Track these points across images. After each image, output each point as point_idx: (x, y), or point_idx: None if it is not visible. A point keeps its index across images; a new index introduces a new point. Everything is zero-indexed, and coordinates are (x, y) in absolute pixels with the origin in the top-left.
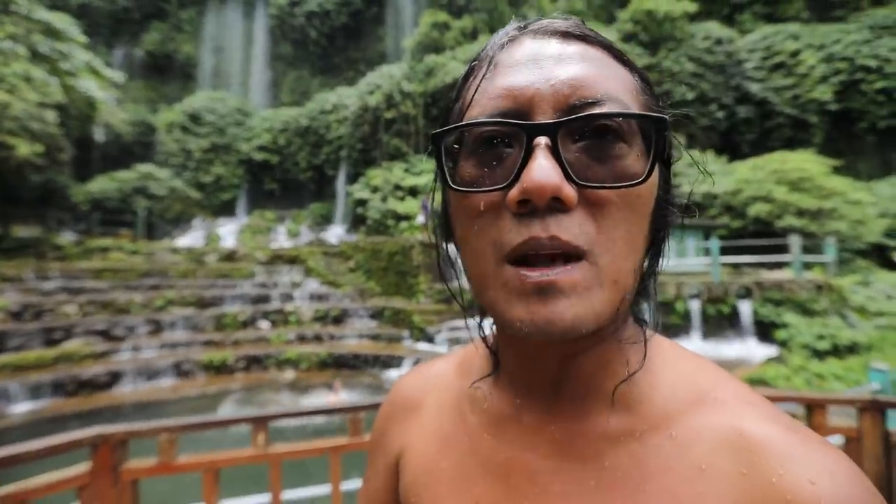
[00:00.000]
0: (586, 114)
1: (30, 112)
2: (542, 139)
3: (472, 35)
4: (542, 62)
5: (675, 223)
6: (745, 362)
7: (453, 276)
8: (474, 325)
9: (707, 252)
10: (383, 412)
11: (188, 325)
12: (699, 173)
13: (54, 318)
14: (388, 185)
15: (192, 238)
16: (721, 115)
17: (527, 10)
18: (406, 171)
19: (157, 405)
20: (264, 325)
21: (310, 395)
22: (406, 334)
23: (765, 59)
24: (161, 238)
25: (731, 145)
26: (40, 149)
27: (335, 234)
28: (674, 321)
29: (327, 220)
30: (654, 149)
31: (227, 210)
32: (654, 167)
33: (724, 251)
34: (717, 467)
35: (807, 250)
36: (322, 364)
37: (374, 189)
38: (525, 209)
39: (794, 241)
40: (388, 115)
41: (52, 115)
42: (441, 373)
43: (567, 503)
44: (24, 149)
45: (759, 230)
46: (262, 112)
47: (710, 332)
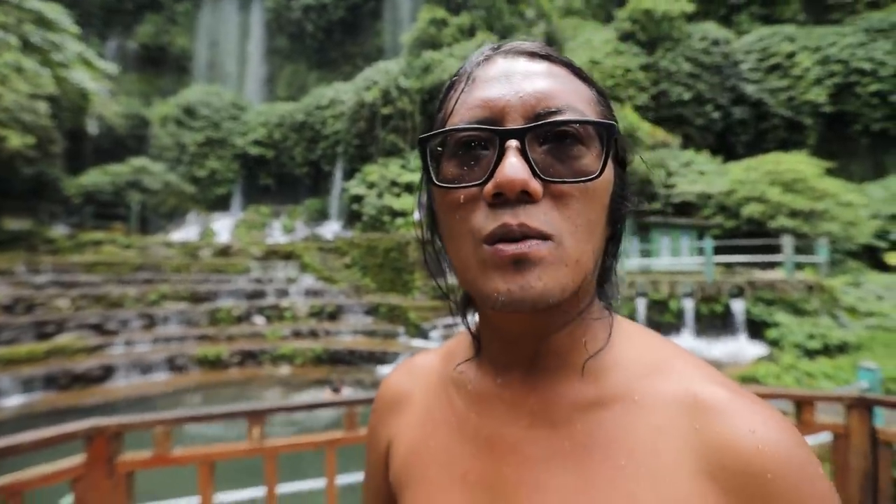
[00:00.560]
0: (549, 121)
1: (21, 103)
2: (513, 142)
3: (470, 32)
4: (513, 77)
5: (628, 215)
6: (737, 360)
7: (442, 272)
8: (460, 314)
9: (701, 251)
10: (373, 410)
11: (182, 320)
12: (683, 173)
13: (46, 312)
14: (385, 181)
15: (186, 233)
16: (717, 115)
17: (524, 8)
18: (402, 167)
19: (151, 399)
20: (259, 320)
21: (305, 392)
22: (401, 331)
23: (761, 60)
24: (155, 232)
25: (727, 146)
26: (32, 141)
27: (331, 229)
28: (667, 319)
29: (323, 216)
30: (606, 150)
31: (222, 205)
32: (606, 166)
33: (717, 251)
34: (673, 425)
35: (799, 251)
36: (317, 360)
37: (371, 185)
38: (499, 200)
39: (787, 242)
40: (385, 110)
41: (43, 107)
42: (426, 364)
43: (546, 465)
44: (16, 140)
45: (753, 230)
46: (257, 106)
47: (702, 331)
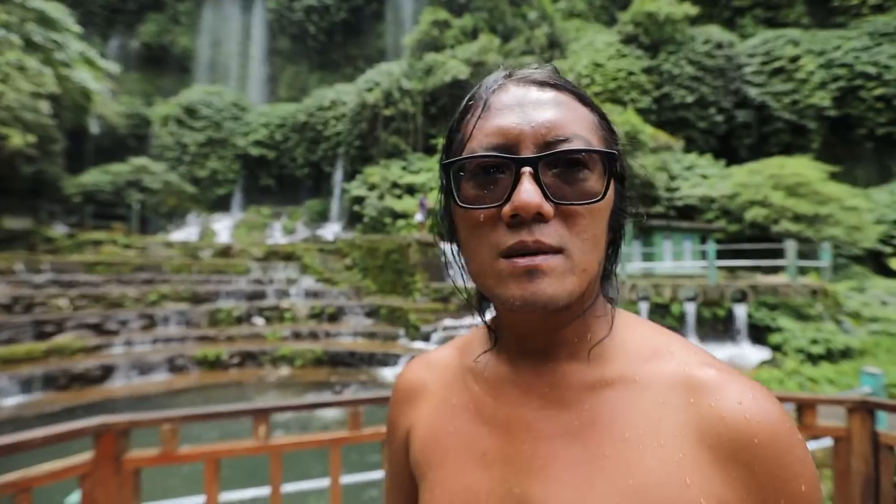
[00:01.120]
0: (559, 150)
1: (23, 102)
2: (527, 168)
3: (473, 34)
4: (525, 107)
5: (629, 221)
6: (740, 365)
7: (454, 275)
8: (478, 311)
9: (704, 255)
10: (392, 401)
11: (182, 321)
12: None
13: (45, 312)
14: (386, 182)
15: (186, 233)
16: (720, 118)
17: (526, 10)
18: (404, 168)
19: (150, 400)
20: (259, 321)
21: (304, 394)
22: (402, 332)
23: (764, 63)
24: (155, 232)
25: (730, 149)
26: (33, 139)
27: (331, 231)
28: (669, 323)
29: (324, 218)
30: (609, 175)
31: (223, 205)
32: (609, 188)
33: (720, 255)
34: (671, 401)
35: (802, 255)
36: (317, 361)
37: (372, 187)
38: (515, 221)
39: (790, 246)
40: (387, 112)
41: (45, 106)
42: (442, 357)
43: (557, 440)
44: (17, 139)
45: (756, 234)
46: (259, 107)
47: (704, 335)
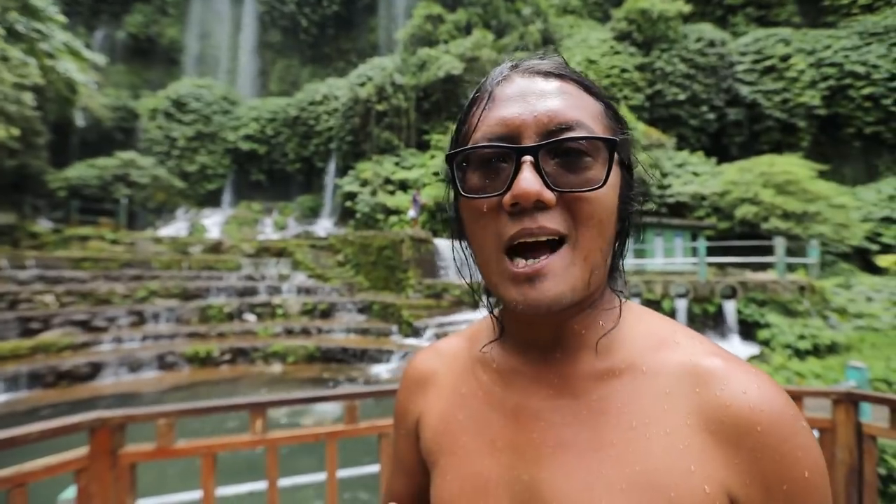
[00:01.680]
0: (558, 138)
1: (6, 93)
2: (528, 157)
3: (466, 29)
4: (528, 97)
5: (637, 213)
6: None
7: (462, 268)
8: (484, 302)
9: (694, 252)
10: (401, 388)
11: (172, 317)
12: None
13: (31, 308)
14: (379, 178)
15: (175, 228)
16: (711, 116)
17: (520, 5)
18: (397, 164)
19: (140, 397)
20: (251, 317)
21: (297, 391)
22: (394, 329)
23: (756, 62)
24: (143, 228)
25: (721, 147)
26: (16, 132)
27: (323, 227)
28: None
29: (315, 213)
30: (610, 162)
31: (213, 200)
32: (610, 175)
33: (710, 251)
34: (677, 390)
35: (791, 252)
36: (309, 358)
37: (364, 182)
38: (516, 209)
39: (779, 243)
40: (380, 107)
41: (29, 98)
42: (451, 346)
43: (567, 429)
44: (0, 132)
45: (746, 232)
46: (249, 101)
47: (695, 331)
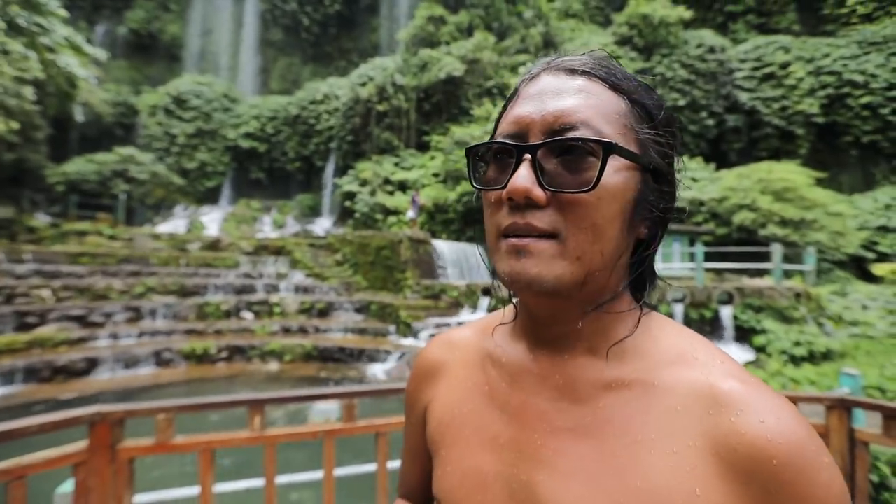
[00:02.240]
0: (555, 139)
1: (6, 87)
2: (527, 155)
3: (468, 31)
4: (544, 96)
5: (658, 220)
6: None
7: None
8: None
9: (692, 257)
10: (412, 376)
11: (169, 314)
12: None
13: (28, 303)
14: (378, 178)
15: (173, 225)
16: (711, 122)
17: (522, 8)
18: (396, 165)
19: (136, 393)
20: (248, 315)
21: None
22: (392, 329)
23: (755, 69)
24: (141, 224)
25: (720, 153)
26: (16, 126)
27: (322, 226)
28: None
29: (314, 212)
30: (602, 164)
31: (211, 198)
32: (600, 178)
33: (708, 257)
34: (689, 409)
35: (787, 259)
36: (307, 357)
37: (364, 182)
38: (513, 204)
39: (776, 250)
40: (380, 107)
41: (29, 92)
42: (462, 337)
43: (569, 435)
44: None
45: (743, 238)
46: (250, 99)
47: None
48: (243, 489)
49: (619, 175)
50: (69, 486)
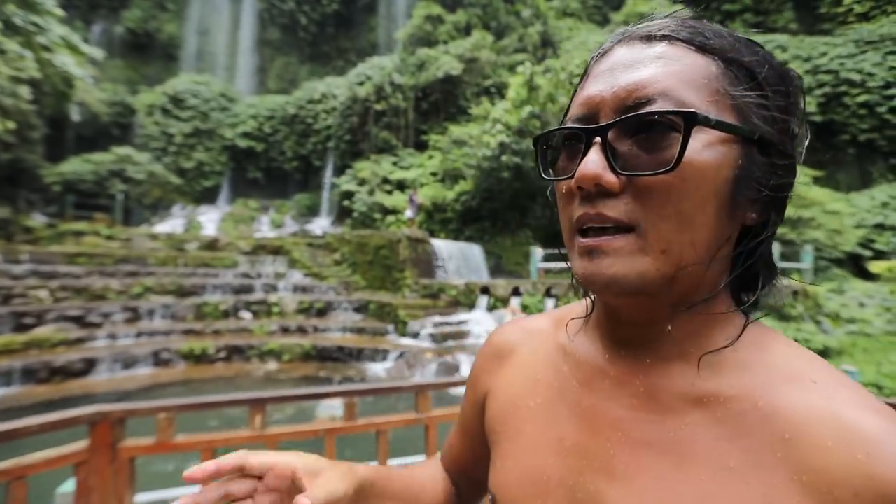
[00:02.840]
0: (626, 115)
1: (1, 86)
2: (597, 138)
3: (466, 30)
4: (615, 71)
5: (771, 201)
6: None
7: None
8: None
9: None
10: (480, 354)
11: (167, 314)
12: None
13: (25, 303)
14: (376, 178)
15: (171, 225)
16: None
17: (520, 7)
18: (394, 164)
19: (134, 393)
20: (246, 315)
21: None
22: (391, 328)
23: None
24: (139, 224)
25: None
26: (12, 125)
27: (320, 225)
28: None
29: (312, 212)
30: (684, 139)
31: (209, 197)
32: (683, 156)
33: None
34: (801, 439)
35: (785, 257)
36: (305, 356)
37: (362, 182)
38: (584, 193)
39: (773, 248)
40: (378, 107)
41: (25, 91)
42: (538, 327)
43: (649, 450)
44: None
45: None
46: (247, 98)
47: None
48: None
49: (710, 150)
50: (70, 485)
